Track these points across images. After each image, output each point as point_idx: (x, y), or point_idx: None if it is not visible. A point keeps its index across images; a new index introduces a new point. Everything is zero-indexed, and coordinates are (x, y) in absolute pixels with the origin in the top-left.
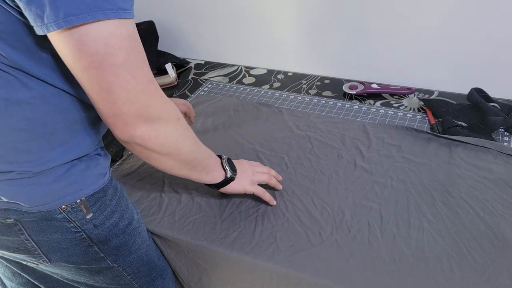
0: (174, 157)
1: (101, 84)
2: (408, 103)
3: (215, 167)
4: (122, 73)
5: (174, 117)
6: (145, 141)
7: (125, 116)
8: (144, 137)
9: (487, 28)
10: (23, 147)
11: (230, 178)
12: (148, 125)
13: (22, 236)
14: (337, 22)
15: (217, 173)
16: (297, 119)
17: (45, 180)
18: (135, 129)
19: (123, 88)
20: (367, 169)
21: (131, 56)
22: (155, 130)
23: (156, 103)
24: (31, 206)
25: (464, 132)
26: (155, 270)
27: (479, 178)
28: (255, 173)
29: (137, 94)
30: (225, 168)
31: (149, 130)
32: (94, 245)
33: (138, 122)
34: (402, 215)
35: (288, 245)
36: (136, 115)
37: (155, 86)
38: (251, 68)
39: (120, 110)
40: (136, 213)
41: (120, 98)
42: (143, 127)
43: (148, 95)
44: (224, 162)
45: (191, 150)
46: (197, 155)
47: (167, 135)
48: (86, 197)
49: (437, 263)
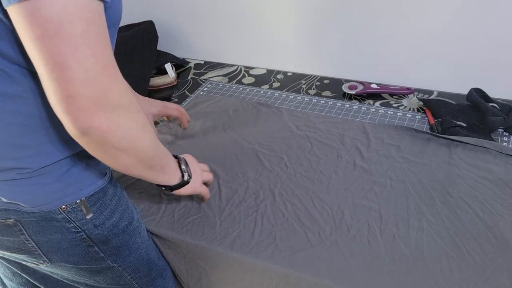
0: (132, 154)
1: (55, 57)
2: (408, 103)
3: (172, 168)
4: (81, 46)
5: (135, 108)
6: (103, 133)
7: (81, 99)
8: (102, 129)
9: (486, 28)
10: (21, 142)
11: (186, 181)
12: (108, 114)
13: (22, 237)
14: (337, 22)
15: (174, 175)
16: (297, 119)
17: (45, 180)
18: (92, 118)
19: (81, 64)
20: (366, 169)
21: (91, 28)
22: (115, 120)
23: (117, 88)
24: (31, 207)
25: (464, 132)
26: (155, 270)
27: (478, 178)
28: (203, 173)
29: (96, 74)
30: (183, 170)
31: (108, 120)
32: (94, 245)
33: (97, 109)
34: (401, 215)
35: (288, 245)
36: (95, 99)
37: (117, 71)
38: (250, 68)
39: (75, 91)
40: (136, 213)
41: (76, 76)
42: (102, 116)
43: (109, 78)
44: (182, 164)
45: (151, 146)
46: (155, 152)
47: (127, 127)
48: (86, 197)
49: (436, 263)
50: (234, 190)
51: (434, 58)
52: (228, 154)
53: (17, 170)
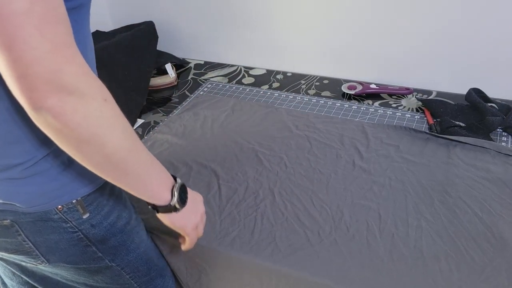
0: (96, 148)
1: (1, 37)
2: (407, 103)
3: (158, 184)
4: (26, 25)
5: (99, 96)
6: (58, 116)
7: (32, 79)
8: (56, 110)
9: (485, 29)
10: (14, 139)
11: (174, 208)
12: (62, 96)
13: (19, 237)
14: (336, 23)
15: (160, 193)
16: (296, 119)
17: (40, 180)
18: (45, 98)
19: (27, 43)
20: (365, 169)
21: (35, 7)
22: (71, 104)
23: (72, 70)
24: (27, 207)
25: (462, 132)
26: (154, 269)
27: (477, 178)
28: (203, 219)
29: (44, 54)
30: (174, 193)
31: (62, 102)
32: (92, 245)
33: (49, 89)
34: (400, 215)
35: (287, 245)
36: (45, 79)
37: (73, 52)
38: (250, 69)
39: (24, 71)
40: (134, 212)
41: (24, 55)
42: (55, 98)
43: (60, 58)
44: (175, 187)
45: (121, 146)
46: (129, 156)
47: (87, 114)
48: (82, 197)
49: (435, 263)
50: (234, 189)
51: (433, 59)
52: (228, 154)
53: (13, 169)
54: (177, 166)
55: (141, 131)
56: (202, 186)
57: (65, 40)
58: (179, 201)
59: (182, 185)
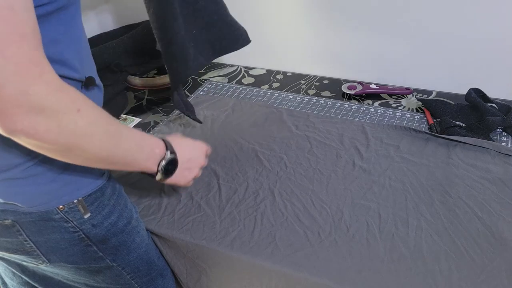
0: (79, 153)
1: None
2: (407, 103)
3: (146, 161)
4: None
5: (72, 108)
6: (32, 136)
7: (0, 103)
8: (28, 132)
9: (485, 29)
10: (7, 140)
11: (159, 179)
12: (33, 118)
13: (20, 237)
14: (336, 23)
15: (148, 168)
16: (296, 119)
17: (41, 180)
18: (15, 122)
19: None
20: (365, 169)
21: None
22: (43, 123)
23: (39, 89)
24: (28, 207)
25: (462, 132)
26: (154, 270)
27: (477, 178)
28: (200, 170)
29: (8, 76)
30: (159, 168)
31: (34, 123)
32: (93, 245)
33: (19, 112)
34: (400, 215)
35: (287, 245)
36: (14, 103)
37: (40, 70)
38: (250, 69)
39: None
40: (135, 212)
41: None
42: (25, 120)
43: (26, 79)
44: (164, 160)
45: (101, 148)
46: (111, 153)
47: (61, 129)
48: (83, 196)
49: (435, 263)
50: (234, 189)
51: (433, 58)
52: (228, 154)
53: (13, 169)
54: None
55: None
56: (202, 186)
57: (30, 58)
58: (164, 175)
59: (172, 159)
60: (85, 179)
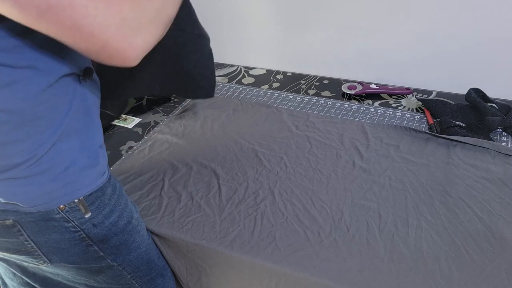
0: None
1: (65, 24)
2: (407, 103)
3: None
4: (74, 1)
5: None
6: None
7: (112, 43)
8: (145, 47)
9: (485, 28)
10: (9, 139)
11: None
12: (141, 33)
13: (21, 237)
14: (336, 23)
15: None
16: (296, 119)
17: (42, 180)
18: (133, 48)
19: (87, 16)
20: (365, 169)
21: None
22: (148, 33)
23: (130, 6)
24: (29, 206)
25: (462, 132)
26: (155, 269)
27: (477, 178)
28: None
29: (105, 12)
30: None
31: (144, 37)
32: (94, 245)
33: (129, 38)
34: (400, 215)
35: (287, 245)
36: (119, 35)
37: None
38: (250, 69)
39: (103, 41)
40: (135, 211)
41: (93, 27)
42: (138, 38)
43: (116, 4)
44: None
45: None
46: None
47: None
48: (84, 196)
49: (435, 263)
50: (234, 189)
51: (433, 58)
52: (228, 154)
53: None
54: (177, 166)
55: (141, 131)
56: (202, 186)
57: None
58: None
59: None
60: (85, 178)
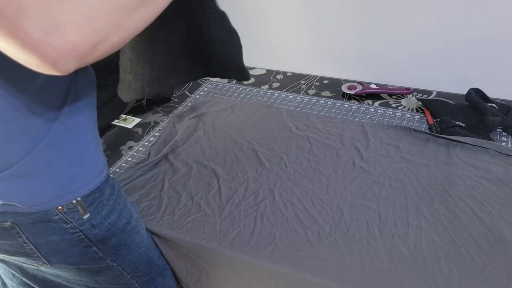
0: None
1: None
2: (407, 103)
3: None
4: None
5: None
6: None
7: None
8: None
9: (485, 28)
10: (4, 137)
11: None
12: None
13: (20, 239)
14: (336, 23)
15: None
16: (296, 119)
17: (39, 179)
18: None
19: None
20: (365, 169)
21: None
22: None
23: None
24: (27, 207)
25: (462, 132)
26: (155, 269)
27: (477, 178)
28: None
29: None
30: None
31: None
32: (93, 245)
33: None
34: (400, 215)
35: (287, 245)
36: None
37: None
38: (250, 69)
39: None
40: (134, 211)
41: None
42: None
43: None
44: None
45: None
46: None
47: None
48: (82, 197)
49: (435, 263)
50: (234, 189)
51: (433, 59)
52: (228, 154)
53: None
54: (177, 166)
55: (141, 131)
56: (202, 186)
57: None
58: None
59: None
60: (83, 179)
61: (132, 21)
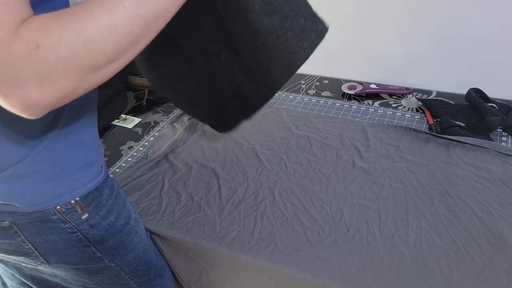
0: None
1: None
2: (407, 103)
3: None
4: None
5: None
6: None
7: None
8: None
9: (485, 28)
10: (3, 139)
11: None
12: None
13: (18, 239)
14: (336, 23)
15: None
16: (296, 119)
17: (38, 179)
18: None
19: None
20: (365, 169)
21: None
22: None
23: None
24: (26, 207)
25: (462, 132)
26: (153, 270)
27: (477, 178)
28: None
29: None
30: None
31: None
32: (91, 245)
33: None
34: (400, 215)
35: (287, 245)
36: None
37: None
38: None
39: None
40: (133, 212)
41: None
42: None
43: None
44: None
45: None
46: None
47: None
48: (81, 197)
49: (435, 263)
50: (234, 189)
51: (433, 58)
52: (228, 154)
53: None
54: (177, 166)
55: (141, 131)
56: (202, 186)
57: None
58: None
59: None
60: (82, 179)
61: (101, 76)
